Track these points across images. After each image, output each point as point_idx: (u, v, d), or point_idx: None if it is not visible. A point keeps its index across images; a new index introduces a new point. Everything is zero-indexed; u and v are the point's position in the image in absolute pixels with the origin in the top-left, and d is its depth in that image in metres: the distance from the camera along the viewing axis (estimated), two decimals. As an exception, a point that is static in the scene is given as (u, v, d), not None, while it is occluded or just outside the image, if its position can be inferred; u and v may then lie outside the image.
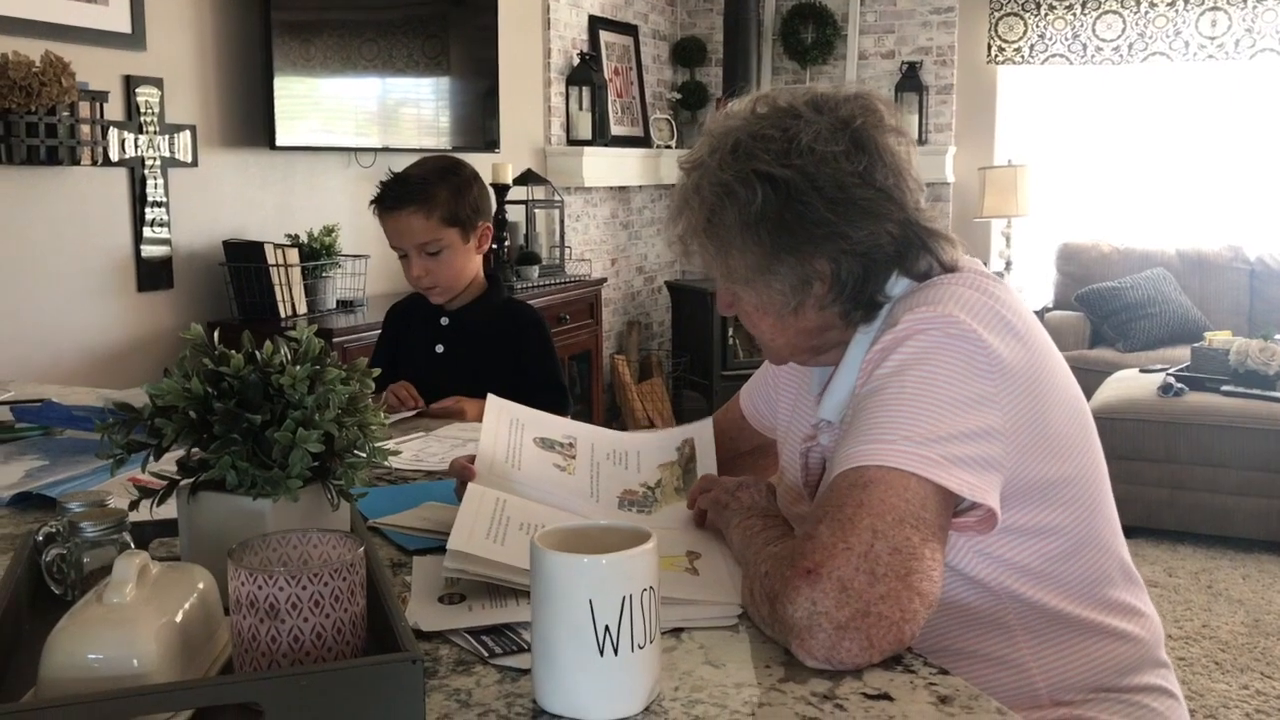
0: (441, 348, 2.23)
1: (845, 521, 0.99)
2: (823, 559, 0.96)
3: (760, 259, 1.18)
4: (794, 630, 0.95)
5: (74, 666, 0.83)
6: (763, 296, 1.21)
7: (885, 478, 1.01)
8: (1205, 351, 4.26)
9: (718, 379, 5.55)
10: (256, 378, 1.05)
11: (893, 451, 1.02)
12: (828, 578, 0.95)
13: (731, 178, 1.16)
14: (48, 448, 1.71)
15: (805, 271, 1.17)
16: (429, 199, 2.12)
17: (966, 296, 1.12)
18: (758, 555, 1.07)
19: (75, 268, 3.05)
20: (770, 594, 0.99)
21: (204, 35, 3.38)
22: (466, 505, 1.21)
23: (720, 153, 1.19)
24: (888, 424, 1.04)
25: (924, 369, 1.07)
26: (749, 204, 1.15)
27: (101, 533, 1.04)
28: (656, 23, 6.20)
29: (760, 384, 1.52)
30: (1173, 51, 5.54)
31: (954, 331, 1.08)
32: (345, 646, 0.88)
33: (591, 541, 0.91)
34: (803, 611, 0.95)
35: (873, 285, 1.18)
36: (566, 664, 0.86)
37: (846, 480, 1.03)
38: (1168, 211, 5.75)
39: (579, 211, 5.42)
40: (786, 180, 1.14)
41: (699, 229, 1.21)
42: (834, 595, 0.95)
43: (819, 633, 0.94)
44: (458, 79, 4.34)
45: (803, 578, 0.96)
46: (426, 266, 2.14)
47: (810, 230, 1.15)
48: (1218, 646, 3.20)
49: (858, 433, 1.06)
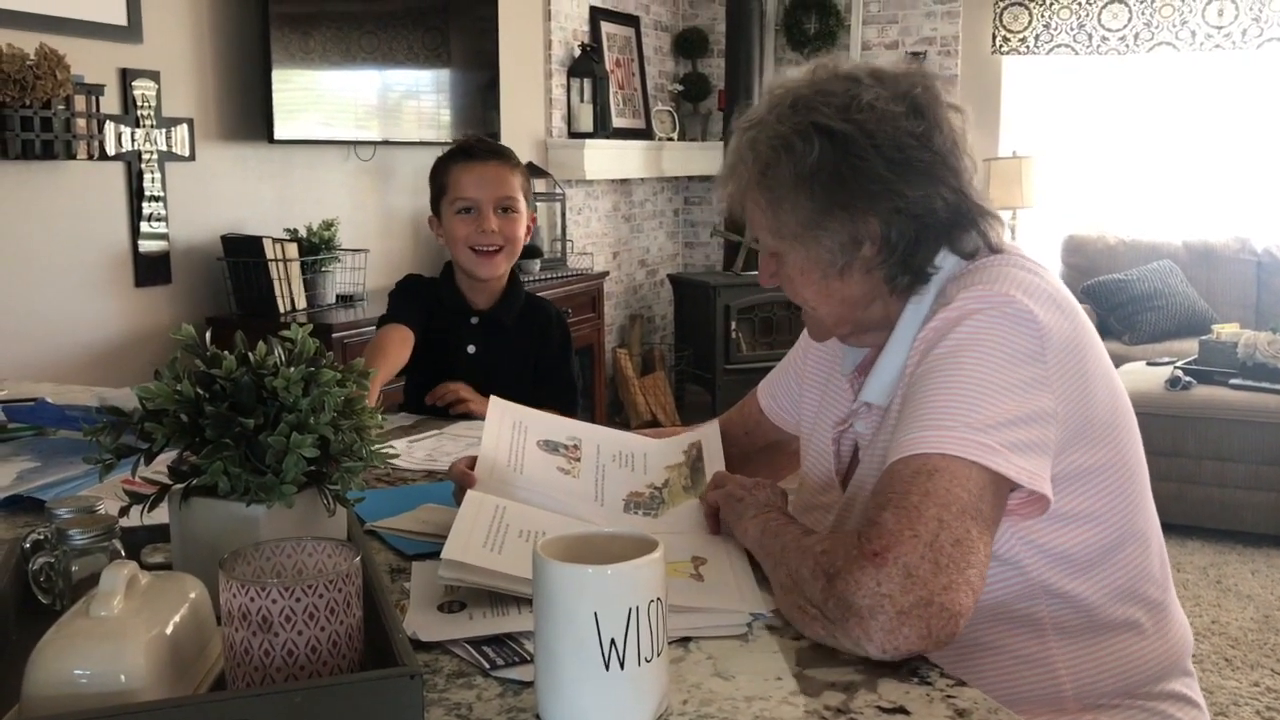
0: (474, 348, 2.18)
1: (911, 509, 0.98)
2: (890, 544, 0.95)
3: (812, 214, 1.16)
4: (854, 610, 0.94)
5: (59, 683, 0.80)
6: (810, 255, 1.19)
7: (950, 466, 1.00)
8: (1213, 344, 4.23)
9: (720, 373, 5.52)
10: (249, 380, 1.02)
11: (955, 439, 1.01)
12: (894, 563, 0.94)
13: (789, 130, 1.16)
14: (40, 448, 1.68)
15: (856, 230, 1.16)
16: (514, 162, 2.18)
17: (1021, 277, 1.12)
18: (796, 543, 1.05)
19: (72, 263, 3.02)
20: (829, 571, 0.97)
21: (201, 27, 3.35)
22: (464, 512, 1.18)
23: (779, 109, 1.18)
24: (948, 409, 1.03)
25: (981, 350, 1.06)
26: (805, 157, 1.14)
27: (90, 540, 1.01)
28: (658, 14, 6.16)
29: (781, 378, 1.49)
30: (1179, 41, 5.49)
31: (1010, 311, 1.07)
32: (341, 660, 0.85)
33: (597, 550, 0.88)
34: (867, 593, 0.94)
35: (922, 253, 1.17)
36: (570, 678, 0.83)
37: (910, 467, 1.01)
38: (1174, 203, 5.71)
39: (580, 204, 5.39)
40: (845, 134, 1.14)
41: (752, 183, 1.19)
42: (899, 580, 0.94)
43: (881, 615, 0.93)
44: (458, 71, 4.30)
45: (869, 559, 0.95)
46: (499, 223, 2.11)
47: (865, 186, 1.14)
48: (1227, 643, 3.17)
49: (917, 417, 1.05)
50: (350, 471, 1.06)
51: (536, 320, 2.22)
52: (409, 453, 1.71)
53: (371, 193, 4.04)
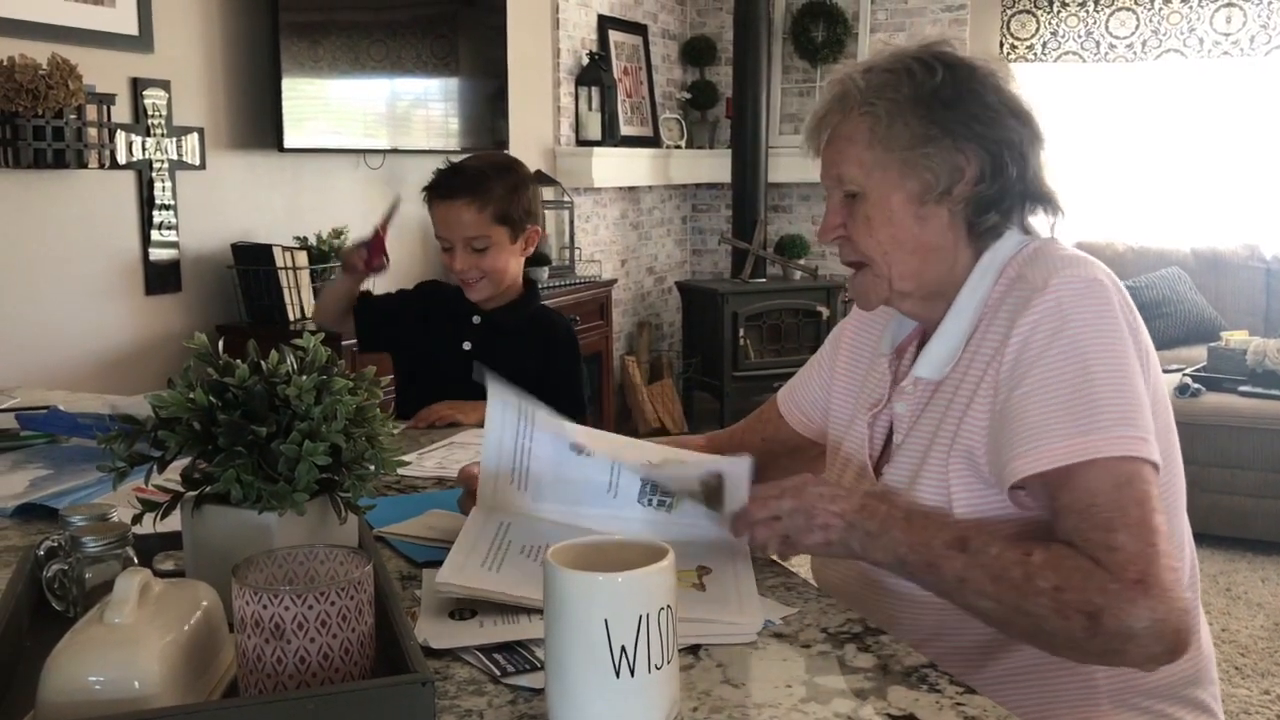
0: (469, 345, 2.19)
1: (1139, 525, 1.02)
2: (1146, 568, 0.99)
3: (923, 134, 1.19)
4: (1135, 639, 0.97)
5: (74, 690, 0.80)
6: (905, 185, 1.20)
7: (1139, 471, 1.05)
8: (1222, 351, 4.22)
9: (729, 380, 5.52)
10: (262, 388, 1.02)
11: (1125, 440, 1.05)
12: (1155, 584, 0.98)
13: (911, 58, 1.21)
14: (53, 456, 1.69)
15: (955, 159, 1.19)
16: (484, 193, 2.10)
17: (1092, 260, 1.17)
18: (993, 576, 1.04)
19: (83, 271, 3.03)
20: (1090, 610, 0.99)
21: (211, 37, 3.36)
22: (467, 529, 1.18)
23: (890, 52, 1.23)
24: (1105, 407, 1.06)
25: (1102, 341, 1.09)
26: (926, 80, 1.19)
27: (104, 548, 1.02)
28: (666, 22, 6.17)
29: (805, 382, 1.48)
30: (1187, 48, 5.49)
31: (1104, 295, 1.11)
32: (353, 667, 0.86)
33: (607, 558, 0.88)
34: (1145, 623, 0.97)
35: (1008, 202, 1.21)
36: (581, 686, 0.83)
37: (1106, 481, 1.04)
38: (1182, 210, 5.69)
39: (589, 212, 5.40)
40: (968, 65, 1.21)
41: (857, 108, 1.21)
42: (1167, 601, 0.98)
43: (1164, 637, 0.98)
44: (467, 79, 4.32)
45: (1136, 590, 0.98)
46: (471, 261, 2.11)
47: (979, 113, 1.18)
48: (1238, 651, 3.16)
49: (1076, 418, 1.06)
50: (362, 479, 1.07)
51: (541, 332, 2.22)
52: (418, 462, 1.72)
53: (381, 201, 4.04)
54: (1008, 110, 1.20)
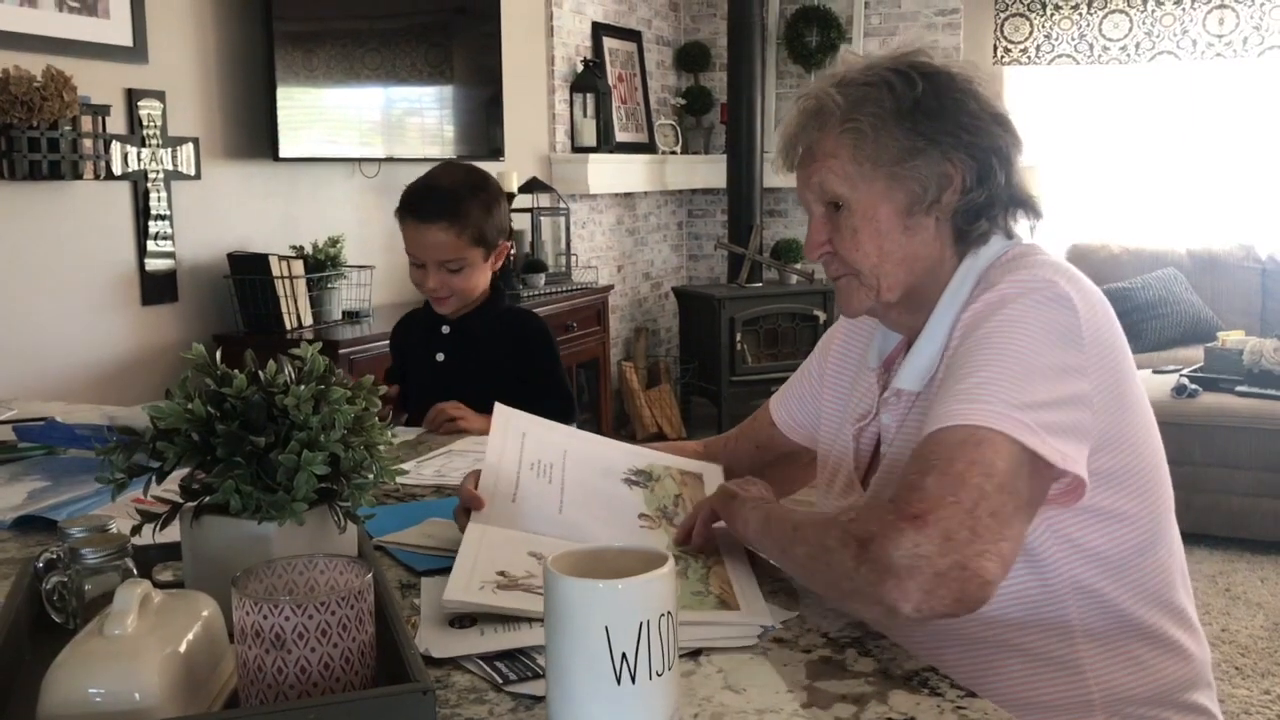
0: (442, 356, 2.19)
1: (955, 476, 0.98)
2: (930, 508, 0.96)
3: (908, 146, 1.18)
4: (892, 570, 0.95)
5: (74, 702, 0.80)
6: (891, 197, 1.19)
7: (992, 439, 1.01)
8: (1218, 352, 4.22)
9: (726, 385, 5.52)
10: (260, 398, 1.02)
11: (999, 414, 1.02)
12: (934, 525, 0.95)
13: (888, 69, 1.20)
14: (51, 468, 1.69)
15: (943, 169, 1.18)
16: (461, 216, 2.06)
17: (1061, 265, 1.16)
18: (811, 520, 1.07)
19: (79, 283, 3.03)
20: (862, 537, 0.98)
21: (206, 47, 3.37)
22: (468, 543, 1.18)
23: (866, 63, 1.22)
24: (990, 385, 1.04)
25: (1024, 332, 1.08)
26: (906, 92, 1.18)
27: (103, 559, 1.02)
28: (660, 28, 6.18)
29: (796, 388, 1.49)
30: (1180, 50, 5.50)
31: (1052, 295, 1.10)
32: (354, 677, 0.85)
33: (607, 565, 0.88)
34: (905, 553, 0.95)
35: (991, 211, 1.20)
36: (582, 693, 0.83)
37: (955, 436, 1.02)
38: (1178, 211, 5.71)
39: (585, 219, 5.40)
40: (945, 74, 1.19)
41: (837, 122, 1.20)
42: (937, 543, 0.95)
43: (919, 575, 0.94)
44: (461, 87, 4.32)
45: (908, 522, 0.96)
46: (443, 280, 2.10)
47: (962, 121, 1.18)
48: (1237, 651, 3.16)
49: (959, 391, 1.06)
50: (361, 488, 1.07)
51: (512, 332, 2.21)
52: (417, 470, 1.72)
53: (376, 209, 4.05)
54: (989, 116, 1.20)
